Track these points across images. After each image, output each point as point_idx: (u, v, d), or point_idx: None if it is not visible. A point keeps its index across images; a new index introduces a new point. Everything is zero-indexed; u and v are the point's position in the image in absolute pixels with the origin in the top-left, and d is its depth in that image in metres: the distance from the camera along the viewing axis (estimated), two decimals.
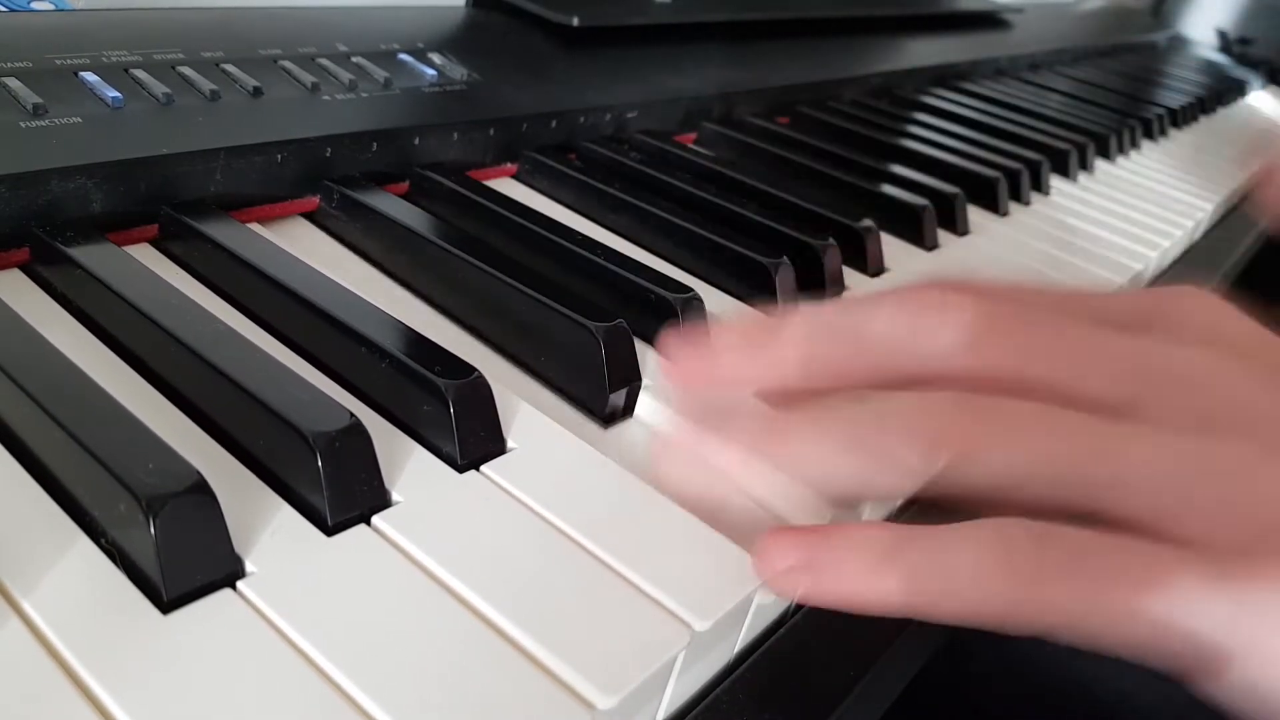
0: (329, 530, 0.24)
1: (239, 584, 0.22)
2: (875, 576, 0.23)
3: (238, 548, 0.23)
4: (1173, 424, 0.24)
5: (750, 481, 0.26)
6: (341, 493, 0.24)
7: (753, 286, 0.41)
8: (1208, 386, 0.24)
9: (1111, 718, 0.63)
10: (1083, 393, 0.24)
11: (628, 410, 0.33)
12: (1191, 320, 0.27)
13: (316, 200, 0.40)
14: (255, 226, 0.37)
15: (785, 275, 0.41)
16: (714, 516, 0.27)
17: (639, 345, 0.33)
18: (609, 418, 0.32)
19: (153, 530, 0.21)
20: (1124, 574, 0.22)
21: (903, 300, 0.26)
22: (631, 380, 0.32)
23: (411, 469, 0.27)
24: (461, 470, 0.27)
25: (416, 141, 0.43)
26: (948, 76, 0.85)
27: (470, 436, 0.27)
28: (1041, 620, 0.22)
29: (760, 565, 0.25)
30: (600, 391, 0.32)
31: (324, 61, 0.43)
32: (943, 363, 0.25)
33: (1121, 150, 0.79)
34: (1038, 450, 0.23)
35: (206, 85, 0.38)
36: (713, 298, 0.41)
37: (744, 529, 0.27)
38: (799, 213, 0.49)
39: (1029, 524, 0.22)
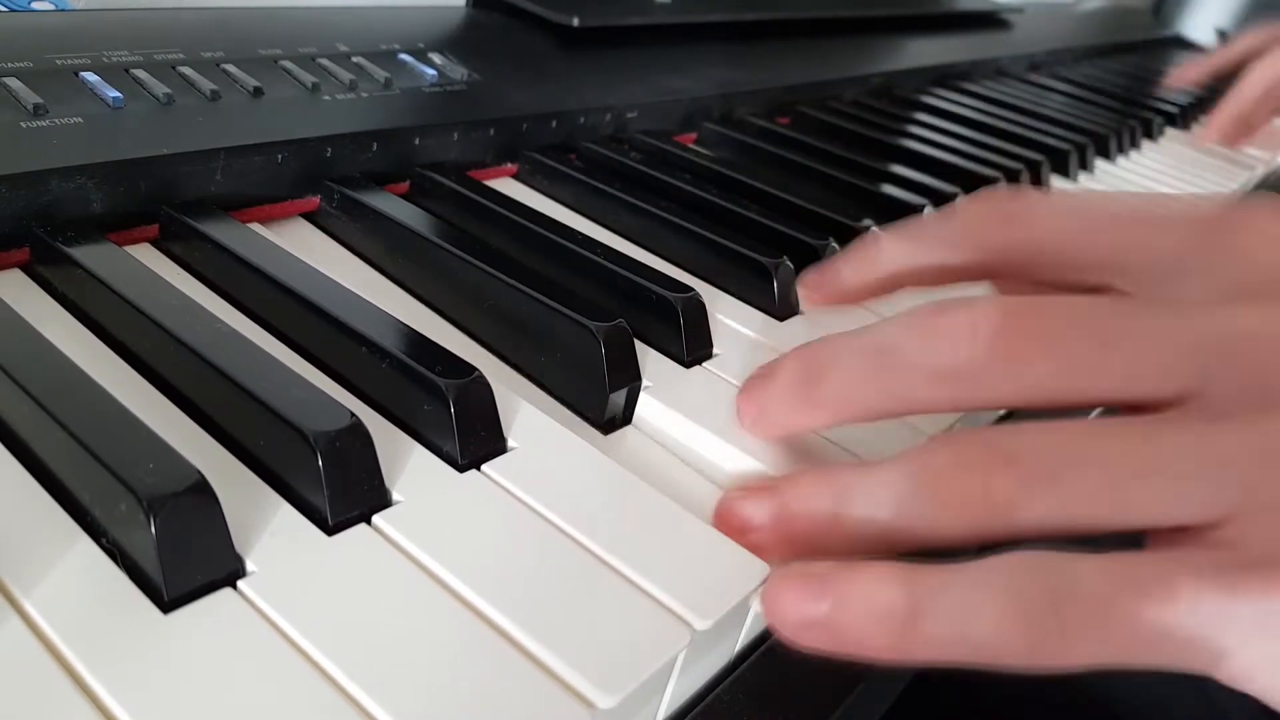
0: (329, 530, 0.24)
1: (239, 583, 0.22)
2: (898, 642, 0.22)
3: (238, 547, 0.23)
4: (1228, 403, 0.22)
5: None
6: (342, 492, 0.24)
7: (753, 286, 0.41)
8: (1260, 350, 0.23)
9: (1110, 713, 0.63)
10: (1134, 396, 0.23)
11: (628, 410, 0.33)
12: (1255, 253, 0.25)
13: (317, 200, 0.40)
14: (256, 226, 0.37)
15: (785, 275, 0.41)
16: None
17: (639, 345, 0.33)
18: (609, 418, 0.32)
19: (153, 530, 0.21)
20: (1148, 623, 0.21)
21: (933, 332, 0.25)
22: (632, 380, 0.32)
23: (412, 468, 0.27)
24: (462, 470, 0.27)
25: (417, 141, 0.43)
26: (948, 76, 0.85)
27: (471, 436, 0.27)
28: (1065, 668, 0.21)
29: (773, 616, 0.24)
30: (600, 392, 0.32)
31: (324, 61, 0.43)
32: (980, 395, 0.25)
33: (1121, 150, 0.79)
34: (1078, 491, 0.22)
35: (207, 85, 0.38)
36: (713, 297, 0.41)
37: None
38: (799, 213, 0.49)
39: (1047, 569, 0.22)
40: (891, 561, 0.23)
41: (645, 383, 0.33)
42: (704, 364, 0.36)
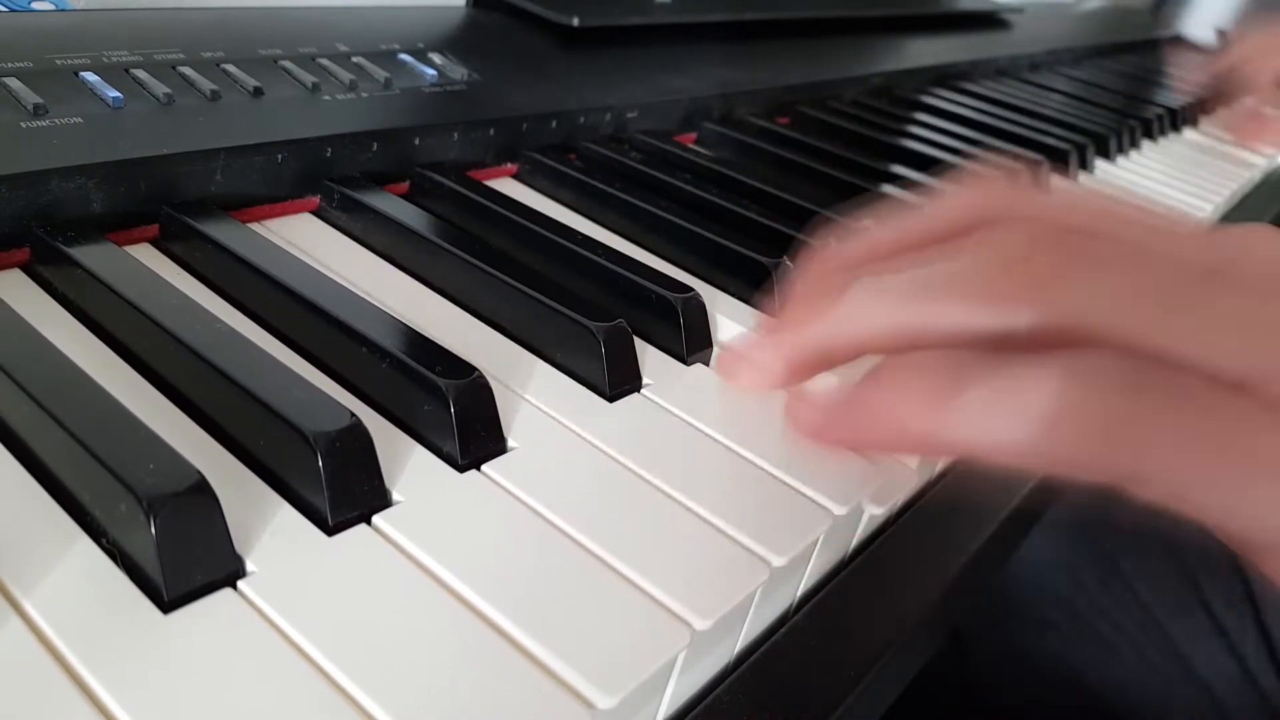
0: (330, 530, 0.24)
1: (240, 583, 0.22)
2: (939, 408, 0.21)
3: (238, 547, 0.23)
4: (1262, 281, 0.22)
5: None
6: (342, 492, 0.24)
7: (753, 286, 0.41)
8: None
9: (1111, 713, 0.63)
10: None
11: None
12: (1261, 265, 0.24)
13: (317, 200, 0.40)
14: (256, 226, 0.37)
15: (785, 275, 0.41)
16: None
17: (639, 345, 0.33)
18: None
19: (153, 530, 0.21)
20: (1226, 432, 0.19)
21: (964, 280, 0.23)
22: (632, 380, 0.33)
23: (412, 468, 0.27)
24: (462, 470, 0.27)
25: (417, 141, 0.43)
26: (948, 76, 0.85)
27: (471, 436, 0.27)
28: (1129, 469, 0.20)
29: (795, 410, 0.23)
30: (601, 391, 0.32)
31: (324, 61, 0.43)
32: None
33: (1121, 150, 0.79)
34: (1124, 285, 0.21)
35: (207, 85, 0.38)
36: (713, 297, 0.41)
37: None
38: (799, 213, 0.48)
39: (1129, 359, 0.20)
40: None
41: (646, 381, 0.33)
42: (704, 364, 0.36)
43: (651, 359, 0.35)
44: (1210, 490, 0.20)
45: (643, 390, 0.33)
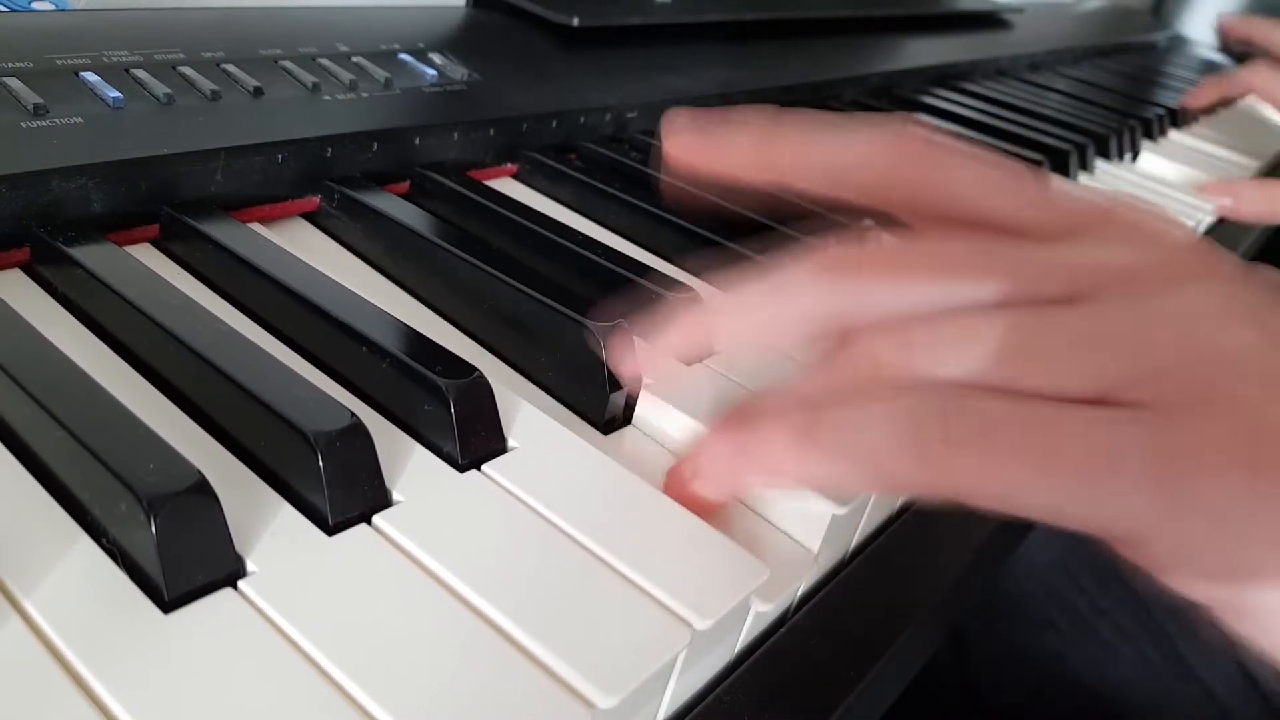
0: (330, 530, 0.24)
1: (240, 583, 0.22)
2: (798, 452, 0.23)
3: (239, 547, 0.23)
4: (1107, 297, 0.24)
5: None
6: (342, 492, 0.24)
7: None
8: (1136, 271, 0.24)
9: (1111, 713, 0.63)
10: (1015, 294, 0.24)
11: (628, 411, 0.33)
12: (1118, 224, 0.26)
13: (317, 200, 0.40)
14: (256, 226, 0.37)
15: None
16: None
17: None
18: (609, 418, 0.32)
19: (153, 530, 0.21)
20: (1036, 447, 0.21)
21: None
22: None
23: (412, 468, 0.27)
24: (462, 469, 0.27)
25: (417, 141, 0.43)
26: (948, 76, 0.85)
27: (471, 436, 0.27)
28: (951, 490, 0.22)
29: (700, 463, 0.26)
30: (600, 392, 0.32)
31: (324, 61, 0.43)
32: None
33: (1121, 150, 0.79)
34: (967, 360, 0.23)
35: (207, 85, 0.38)
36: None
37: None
38: (799, 212, 0.48)
39: (943, 394, 0.22)
40: None
41: (646, 381, 0.33)
42: (705, 363, 0.36)
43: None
44: (1038, 499, 0.22)
45: (643, 390, 0.33)
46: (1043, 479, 0.21)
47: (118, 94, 0.35)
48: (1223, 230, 0.73)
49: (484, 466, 0.28)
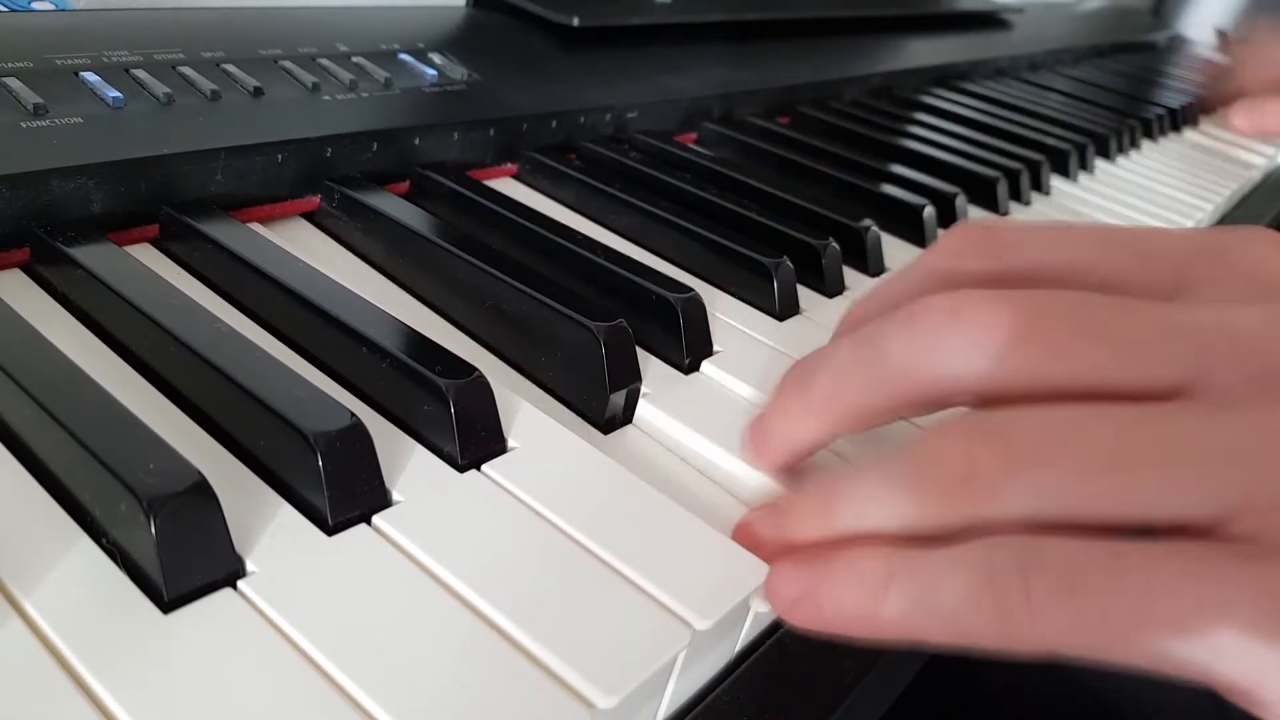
0: (330, 530, 0.24)
1: (240, 583, 0.22)
2: (871, 609, 0.22)
3: (238, 547, 0.23)
4: (1230, 394, 0.21)
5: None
6: (342, 492, 0.24)
7: (753, 286, 0.41)
8: (1263, 344, 0.22)
9: (1111, 713, 0.63)
10: (1130, 384, 0.22)
11: (628, 411, 0.33)
12: (1242, 267, 0.24)
13: (317, 200, 0.40)
14: (256, 226, 0.37)
15: (785, 275, 0.41)
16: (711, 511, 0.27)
17: (639, 345, 0.33)
18: (609, 418, 0.32)
19: (153, 530, 0.21)
20: (1129, 602, 0.20)
21: (913, 319, 0.24)
22: (632, 380, 0.32)
23: (412, 468, 0.27)
24: (462, 470, 0.27)
25: (417, 141, 0.43)
26: (948, 76, 0.85)
27: (471, 436, 0.27)
28: (1038, 649, 0.21)
29: (770, 597, 0.25)
30: (601, 391, 0.32)
31: (324, 61, 0.43)
32: (967, 381, 0.24)
33: (1121, 150, 0.79)
34: (1066, 468, 0.21)
35: (207, 85, 0.38)
36: (713, 297, 0.41)
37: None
38: (799, 213, 0.49)
39: (1020, 544, 0.21)
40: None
41: (645, 382, 0.33)
42: (704, 364, 0.36)
43: (652, 359, 0.35)
44: (1127, 655, 0.20)
45: (642, 390, 0.33)
46: (1139, 637, 0.20)
47: (118, 94, 0.35)
48: (1232, 218, 0.73)
49: (484, 466, 0.28)
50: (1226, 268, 0.24)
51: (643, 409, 0.33)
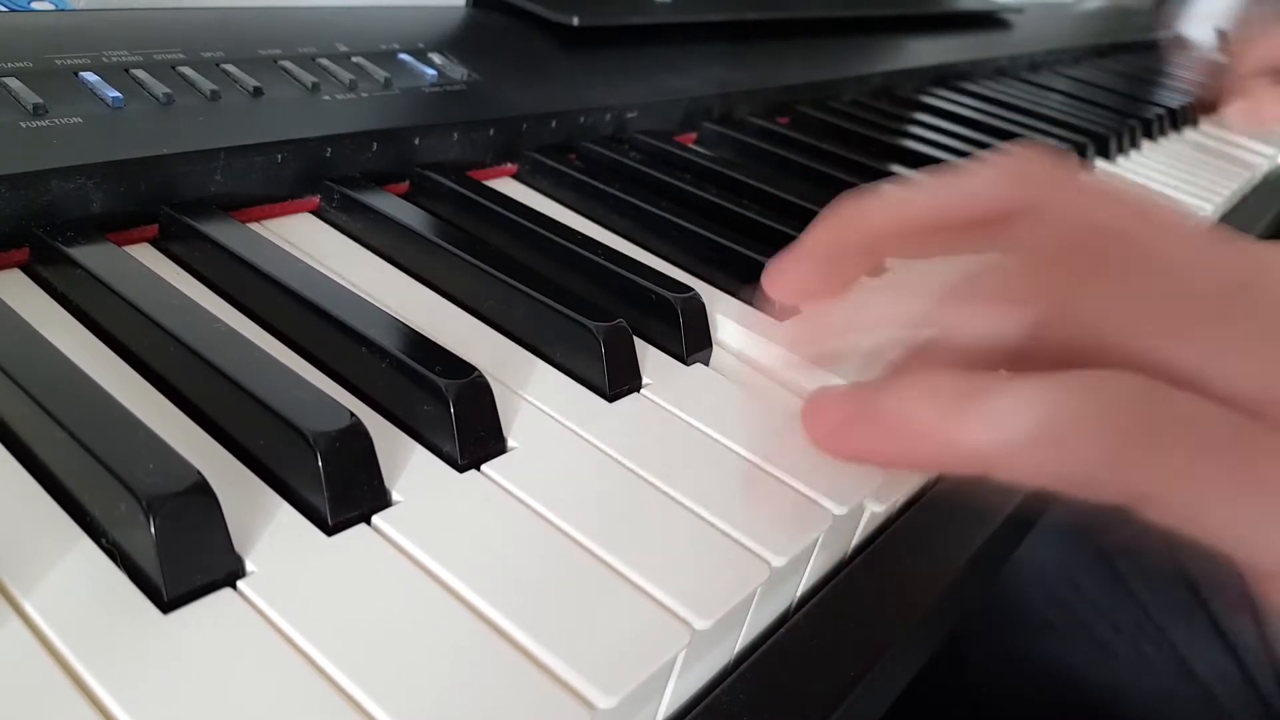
0: (329, 530, 0.24)
1: (239, 583, 0.22)
2: (953, 419, 0.20)
3: (238, 547, 0.23)
4: None
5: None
6: (342, 492, 0.24)
7: (753, 286, 0.41)
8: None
9: (1110, 714, 0.63)
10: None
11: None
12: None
13: (317, 200, 0.40)
14: (255, 226, 0.37)
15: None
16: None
17: (639, 345, 0.33)
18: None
19: (153, 530, 0.21)
20: (1246, 467, 0.19)
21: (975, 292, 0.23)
22: (632, 380, 0.33)
23: (412, 468, 0.27)
24: (462, 470, 0.27)
25: (417, 141, 0.43)
26: (948, 76, 0.85)
27: (470, 436, 0.27)
28: (1135, 495, 0.20)
29: (810, 420, 0.22)
30: (601, 391, 0.32)
31: (324, 61, 0.43)
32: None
33: (1121, 150, 0.79)
34: (1144, 297, 0.21)
35: (206, 85, 0.38)
36: (713, 297, 0.41)
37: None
38: (799, 212, 0.49)
39: (1144, 380, 0.20)
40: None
41: (645, 381, 0.33)
42: (704, 364, 0.36)
43: (652, 359, 0.35)
44: (1220, 517, 0.20)
45: (643, 390, 0.33)
46: (1248, 504, 0.19)
47: (117, 94, 0.35)
48: (1232, 218, 0.73)
49: (484, 466, 0.28)
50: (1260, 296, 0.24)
51: (643, 408, 0.32)
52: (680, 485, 0.28)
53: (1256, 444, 0.20)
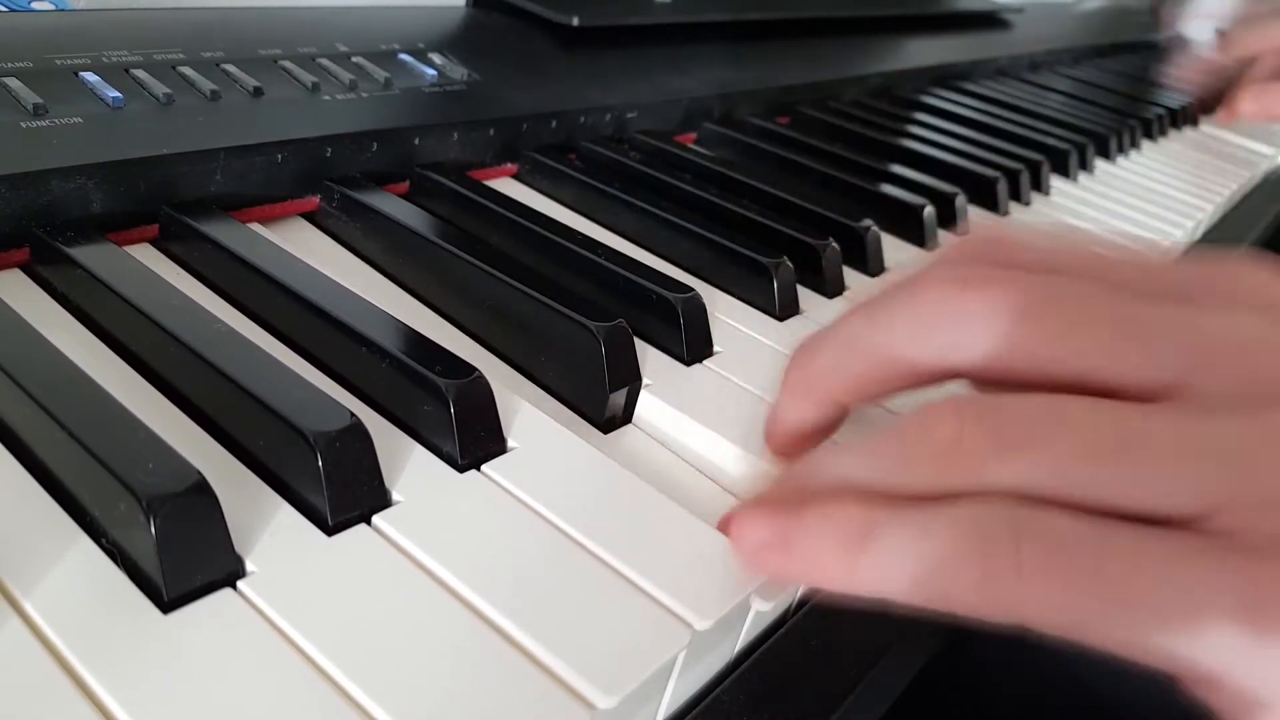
0: (329, 530, 0.24)
1: (239, 583, 0.22)
2: (846, 559, 0.21)
3: (238, 547, 0.23)
4: (1222, 399, 0.21)
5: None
6: (342, 492, 0.24)
7: (753, 286, 0.41)
8: (1260, 354, 0.22)
9: (1111, 713, 0.63)
10: (1120, 376, 0.22)
11: (628, 410, 0.33)
12: (1241, 288, 0.24)
13: (317, 200, 0.40)
14: (255, 226, 0.37)
15: (785, 275, 0.41)
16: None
17: (639, 345, 0.33)
18: (609, 418, 0.32)
19: (153, 530, 0.21)
20: (1115, 582, 0.20)
21: (921, 287, 0.24)
22: (632, 380, 0.32)
23: (412, 468, 0.27)
24: (462, 470, 0.27)
25: (417, 141, 0.43)
26: (948, 76, 0.85)
27: (470, 436, 0.27)
28: (1014, 617, 0.21)
29: (735, 540, 0.24)
30: (600, 391, 0.32)
31: (324, 61, 0.43)
32: (970, 353, 0.23)
33: (1121, 150, 0.79)
34: (1056, 452, 0.21)
35: (207, 85, 0.38)
36: (713, 297, 0.41)
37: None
38: (799, 213, 0.49)
39: (1013, 509, 0.21)
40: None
41: (645, 381, 0.33)
42: (704, 363, 0.36)
43: (652, 359, 0.35)
44: (1102, 635, 0.20)
45: (642, 390, 0.33)
46: (1121, 616, 0.20)
47: (117, 94, 0.35)
48: (1221, 230, 0.73)
49: (484, 467, 0.28)
50: (1229, 284, 0.25)
51: (643, 408, 0.33)
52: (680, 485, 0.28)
53: (1136, 560, 0.20)
